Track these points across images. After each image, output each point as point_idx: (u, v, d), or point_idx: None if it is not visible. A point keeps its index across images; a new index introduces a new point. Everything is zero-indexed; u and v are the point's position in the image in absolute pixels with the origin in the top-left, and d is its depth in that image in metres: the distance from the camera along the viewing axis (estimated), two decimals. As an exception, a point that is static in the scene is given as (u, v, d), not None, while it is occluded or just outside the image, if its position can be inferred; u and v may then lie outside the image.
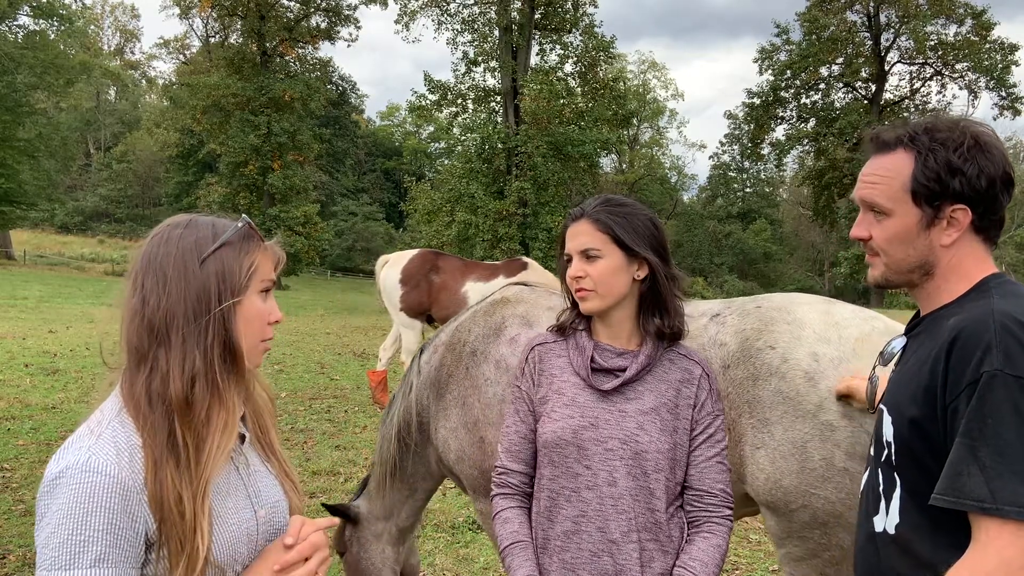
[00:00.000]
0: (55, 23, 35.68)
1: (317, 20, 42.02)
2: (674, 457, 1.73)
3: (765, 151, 46.06)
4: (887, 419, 1.39)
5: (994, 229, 1.36)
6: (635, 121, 55.57)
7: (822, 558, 2.23)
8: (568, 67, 31.70)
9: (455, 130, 31.69)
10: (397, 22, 33.26)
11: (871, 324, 2.29)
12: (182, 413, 1.21)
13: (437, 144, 38.92)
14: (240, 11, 39.06)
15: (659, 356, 1.78)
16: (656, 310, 1.78)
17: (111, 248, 46.67)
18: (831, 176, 39.54)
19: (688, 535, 1.75)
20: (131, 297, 1.26)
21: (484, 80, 31.97)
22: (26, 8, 34.13)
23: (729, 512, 1.75)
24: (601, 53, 31.19)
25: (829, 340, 2.24)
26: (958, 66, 39.26)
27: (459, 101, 31.65)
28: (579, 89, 31.12)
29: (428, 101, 31.41)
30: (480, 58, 31.43)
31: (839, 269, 40.96)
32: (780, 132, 44.55)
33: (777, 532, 2.29)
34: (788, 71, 41.22)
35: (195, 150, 50.24)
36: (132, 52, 72.22)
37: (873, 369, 1.61)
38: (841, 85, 41.90)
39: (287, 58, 41.91)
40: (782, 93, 42.40)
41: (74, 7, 41.50)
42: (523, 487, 1.84)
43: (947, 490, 1.20)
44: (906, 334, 1.48)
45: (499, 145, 28.63)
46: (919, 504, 1.31)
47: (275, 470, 1.44)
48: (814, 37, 39.48)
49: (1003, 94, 38.82)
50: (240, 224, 1.33)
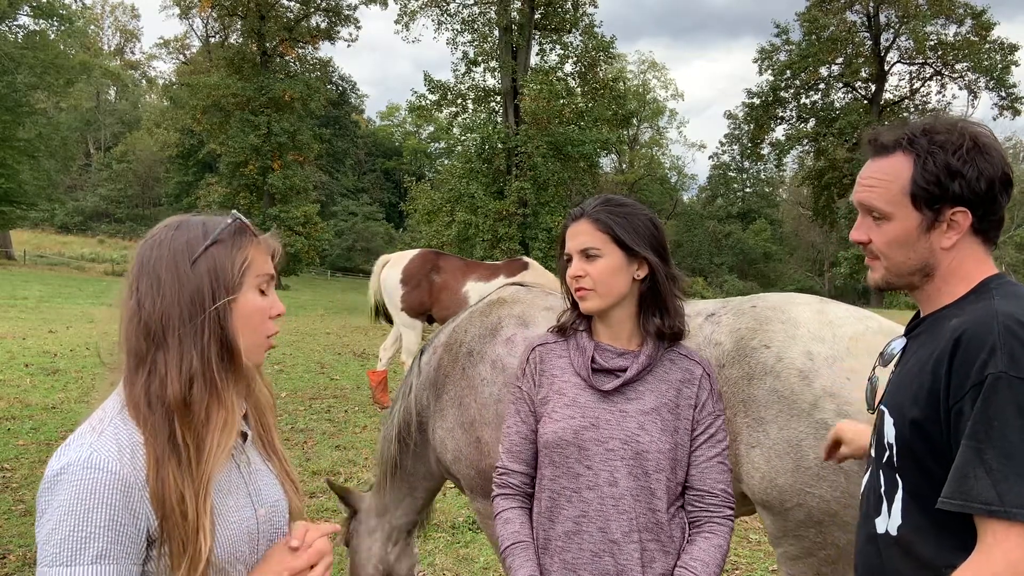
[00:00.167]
0: (55, 23, 35.68)
1: (317, 20, 42.03)
2: (675, 457, 1.73)
3: (765, 151, 46.12)
4: (888, 420, 1.39)
5: (994, 230, 1.36)
6: (635, 121, 55.59)
7: (818, 557, 2.24)
8: (568, 67, 31.69)
9: (455, 130, 31.68)
10: (397, 22, 33.26)
11: (865, 323, 2.30)
12: (181, 414, 1.21)
13: (437, 144, 38.91)
14: (240, 11, 39.07)
15: (660, 356, 1.78)
16: (656, 310, 1.78)
17: (111, 248, 46.68)
18: (831, 176, 39.58)
19: (689, 535, 1.75)
20: (127, 300, 1.27)
21: (484, 80, 31.99)
22: (26, 8, 34.14)
23: (730, 512, 1.75)
24: (601, 53, 31.18)
25: (823, 339, 2.25)
26: (958, 66, 39.30)
27: (459, 101, 31.64)
28: (579, 89, 31.11)
29: (428, 101, 31.40)
30: (480, 58, 31.42)
31: (839, 269, 41.00)
32: (780, 132, 44.65)
33: (773, 531, 2.30)
34: (788, 71, 41.25)
35: (195, 150, 50.24)
36: (132, 52, 72.32)
37: (873, 370, 1.61)
38: (841, 85, 41.93)
39: (287, 58, 41.91)
40: (782, 93, 42.43)
41: (74, 7, 41.54)
42: (524, 487, 1.84)
43: (954, 493, 1.20)
44: (906, 335, 1.48)
45: (499, 145, 28.63)
46: (921, 505, 1.31)
47: (276, 469, 1.44)
48: (814, 37, 39.52)
49: (1003, 94, 38.86)
50: (230, 220, 1.32)
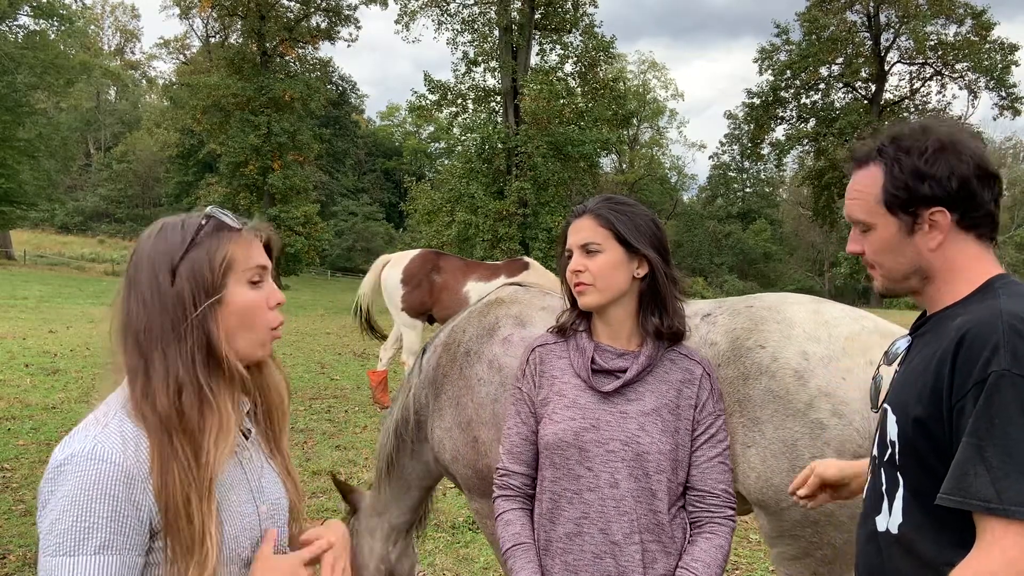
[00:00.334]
0: (55, 23, 35.68)
1: (317, 20, 42.03)
2: (676, 458, 1.72)
3: (765, 151, 46.09)
4: (891, 418, 1.38)
5: (984, 225, 1.36)
6: (635, 121, 55.59)
7: (815, 557, 2.24)
8: (568, 67, 31.70)
9: (455, 130, 31.69)
10: (397, 22, 33.28)
11: (860, 323, 2.31)
12: (174, 422, 1.21)
13: (437, 144, 38.92)
14: (240, 11, 39.06)
15: (660, 356, 1.77)
16: (656, 309, 1.78)
17: (111, 248, 46.70)
18: (831, 176, 39.55)
19: (690, 536, 1.75)
20: (119, 314, 1.28)
21: (484, 80, 32.00)
22: (26, 8, 34.14)
23: (731, 512, 1.75)
24: (601, 53, 31.18)
25: (819, 339, 2.26)
26: (958, 66, 39.29)
27: (459, 101, 31.65)
28: (579, 89, 31.12)
29: (428, 101, 31.40)
30: (480, 58, 31.43)
31: (839, 269, 41.01)
32: (780, 132, 44.61)
33: (769, 531, 2.31)
34: (788, 71, 41.23)
35: (195, 150, 50.23)
36: (132, 52, 72.32)
37: (877, 368, 1.61)
38: (841, 85, 41.92)
39: (287, 58, 41.90)
40: (782, 93, 42.41)
41: (74, 7, 41.52)
42: (525, 488, 1.84)
43: (953, 490, 1.20)
44: (911, 334, 1.48)
45: (499, 145, 28.63)
46: (922, 504, 1.31)
47: (278, 467, 1.44)
48: (814, 37, 39.50)
49: (1003, 94, 38.85)
50: (203, 222, 1.29)
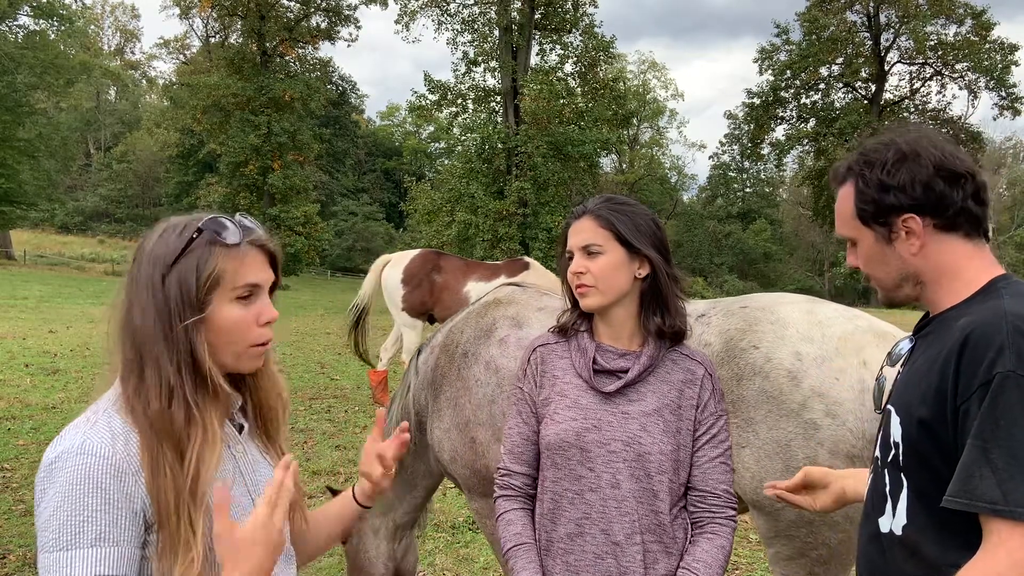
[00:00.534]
0: (55, 23, 35.69)
1: (317, 20, 42.05)
2: (677, 458, 1.72)
3: (765, 151, 46.10)
4: (895, 420, 1.38)
5: (966, 224, 1.37)
6: (635, 121, 55.61)
7: (810, 557, 2.25)
8: (568, 67, 31.75)
9: (455, 130, 31.72)
10: (397, 22, 33.33)
11: (854, 323, 2.31)
12: (163, 426, 1.22)
13: (437, 144, 38.96)
14: (240, 11, 39.08)
15: (661, 356, 1.77)
16: (657, 309, 1.77)
17: (111, 248, 46.68)
18: (831, 176, 39.54)
19: (692, 536, 1.74)
20: (120, 310, 1.28)
21: (484, 80, 32.04)
22: (26, 8, 34.15)
23: (733, 513, 1.75)
24: (601, 53, 31.21)
25: (812, 339, 2.26)
26: (958, 66, 39.29)
27: (459, 101, 31.68)
28: (579, 89, 31.15)
29: (428, 101, 31.44)
30: (480, 58, 31.46)
31: (839, 269, 40.99)
32: (780, 132, 44.63)
33: (764, 531, 2.31)
34: (788, 71, 41.25)
35: (195, 150, 50.23)
36: (132, 52, 72.33)
37: (881, 369, 1.61)
38: (841, 85, 41.93)
39: (287, 58, 41.92)
40: (782, 93, 42.42)
41: (74, 7, 41.52)
42: (526, 488, 1.83)
43: (959, 492, 1.20)
44: (915, 334, 1.48)
45: (499, 145, 28.65)
46: (927, 505, 1.30)
47: (274, 463, 1.44)
48: (814, 37, 39.51)
49: (1003, 94, 38.87)
50: (195, 235, 1.26)
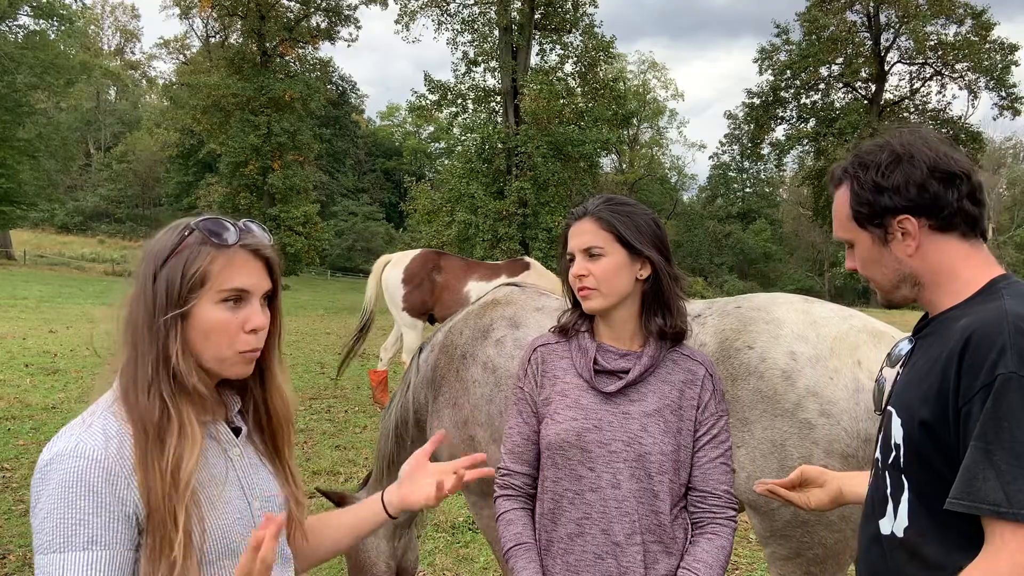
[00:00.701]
0: (55, 23, 35.68)
1: (317, 20, 42.02)
2: (678, 459, 1.72)
3: (765, 151, 46.06)
4: (896, 421, 1.38)
5: (962, 224, 1.37)
6: (635, 121, 55.53)
7: (806, 557, 2.25)
8: (568, 67, 31.72)
9: (455, 130, 31.71)
10: (397, 22, 33.29)
11: (848, 322, 2.32)
12: (148, 421, 1.23)
13: (437, 144, 38.93)
14: (240, 11, 39.05)
15: (662, 357, 1.77)
16: (659, 310, 1.77)
17: (111, 248, 46.69)
18: (831, 176, 39.48)
19: (692, 536, 1.74)
20: (124, 306, 1.30)
21: (484, 80, 32.01)
22: (26, 8, 34.15)
23: (733, 513, 1.75)
24: (601, 53, 31.19)
25: (807, 338, 2.27)
26: (958, 66, 39.24)
27: (459, 101, 31.65)
28: (579, 89, 31.13)
29: (428, 101, 31.42)
30: (480, 58, 31.44)
31: (839, 269, 40.95)
32: (780, 132, 44.58)
33: (761, 531, 2.32)
34: (788, 71, 41.22)
35: (195, 150, 50.22)
36: (132, 52, 72.30)
37: (880, 370, 1.61)
38: (841, 85, 41.90)
39: (287, 58, 41.89)
40: (782, 93, 42.39)
41: (74, 7, 41.47)
42: (526, 488, 1.83)
43: (962, 494, 1.19)
44: (914, 335, 1.48)
45: (499, 145, 28.64)
46: (928, 507, 1.30)
47: (272, 467, 1.44)
48: (814, 37, 39.48)
49: (1003, 94, 38.83)
50: (187, 232, 1.27)
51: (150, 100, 71.24)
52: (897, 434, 1.37)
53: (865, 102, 41.16)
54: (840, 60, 40.25)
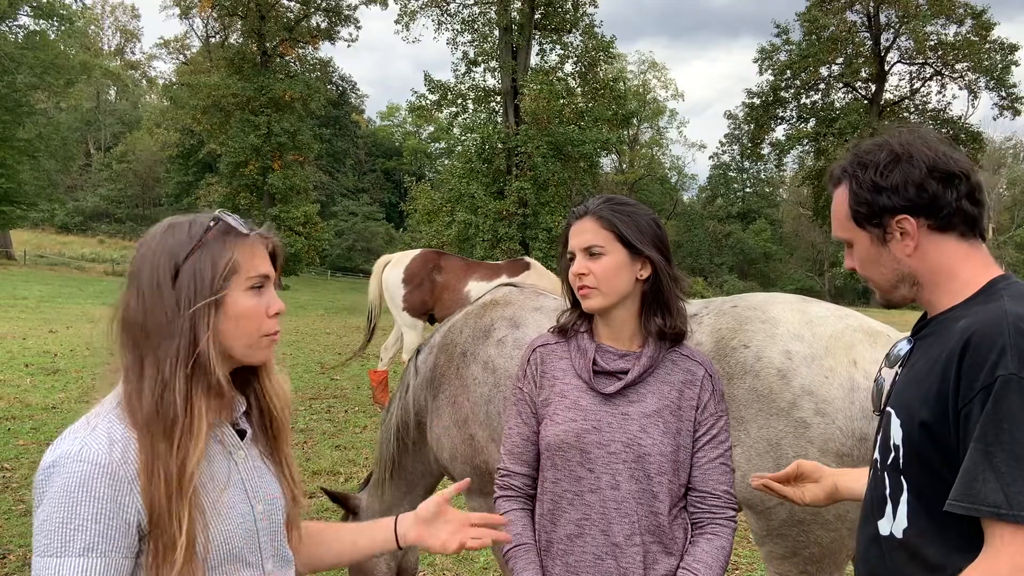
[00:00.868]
0: (55, 23, 35.69)
1: (317, 20, 42.07)
2: (677, 459, 1.72)
3: (765, 151, 46.05)
4: (895, 422, 1.37)
5: (961, 224, 1.36)
6: (635, 121, 55.50)
7: (802, 555, 2.26)
8: (568, 67, 31.74)
9: (455, 130, 31.73)
10: (397, 22, 33.31)
11: (844, 322, 2.32)
12: (155, 422, 1.22)
13: (437, 144, 38.95)
14: (240, 11, 39.09)
15: (661, 357, 1.77)
16: (659, 310, 1.77)
17: (111, 248, 46.69)
18: (831, 176, 39.45)
19: (692, 536, 1.74)
20: (119, 310, 1.29)
21: (484, 80, 32.04)
22: (26, 8, 34.16)
23: (733, 513, 1.75)
24: (601, 53, 31.20)
25: (802, 338, 2.27)
26: (958, 66, 39.22)
27: (459, 101, 31.68)
28: (579, 89, 31.15)
29: (428, 101, 31.44)
30: (480, 58, 31.46)
31: (839, 269, 40.94)
32: (780, 132, 44.56)
33: (757, 530, 2.33)
34: (788, 71, 41.20)
35: (195, 150, 50.18)
36: (132, 52, 72.29)
37: (879, 371, 1.61)
38: (841, 85, 41.89)
39: (287, 58, 41.93)
40: (782, 93, 42.38)
41: (74, 7, 41.50)
42: (526, 489, 1.83)
43: (962, 496, 1.19)
44: (913, 335, 1.47)
45: (499, 145, 28.65)
46: (928, 508, 1.30)
47: (275, 468, 1.44)
48: (814, 37, 39.47)
49: (1003, 94, 38.81)
50: (212, 224, 1.30)
51: (150, 100, 71.24)
52: (896, 435, 1.36)
53: (865, 102, 41.16)
54: (840, 60, 40.24)
